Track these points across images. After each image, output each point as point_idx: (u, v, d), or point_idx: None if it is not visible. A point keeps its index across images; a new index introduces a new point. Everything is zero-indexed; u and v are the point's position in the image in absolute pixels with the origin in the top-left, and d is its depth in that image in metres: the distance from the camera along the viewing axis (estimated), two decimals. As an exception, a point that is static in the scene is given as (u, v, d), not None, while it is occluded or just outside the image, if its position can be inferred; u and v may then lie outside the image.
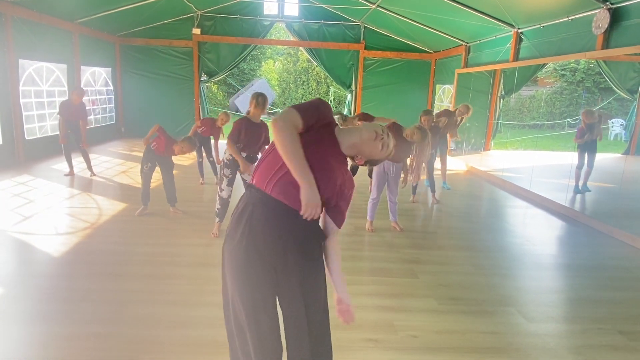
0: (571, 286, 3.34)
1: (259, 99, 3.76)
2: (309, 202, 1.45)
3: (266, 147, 3.88)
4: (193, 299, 2.77)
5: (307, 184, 1.45)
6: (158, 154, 4.29)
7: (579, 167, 6.28)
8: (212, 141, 5.86)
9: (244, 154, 3.82)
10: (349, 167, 1.65)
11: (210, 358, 2.16)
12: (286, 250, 1.52)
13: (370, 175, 5.97)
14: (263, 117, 3.93)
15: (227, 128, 4.37)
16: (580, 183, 6.31)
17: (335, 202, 1.59)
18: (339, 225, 1.63)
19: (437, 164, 6.35)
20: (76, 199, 5.07)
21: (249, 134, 3.76)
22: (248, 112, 3.83)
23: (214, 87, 17.90)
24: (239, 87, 17.16)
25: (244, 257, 1.53)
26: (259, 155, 3.98)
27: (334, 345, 1.76)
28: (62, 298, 2.74)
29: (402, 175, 4.28)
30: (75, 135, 6.12)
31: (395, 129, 4.00)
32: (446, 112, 6.44)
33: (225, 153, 3.87)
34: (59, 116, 6.07)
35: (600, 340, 2.51)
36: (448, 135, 6.31)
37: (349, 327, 2.47)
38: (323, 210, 1.60)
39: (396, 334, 2.47)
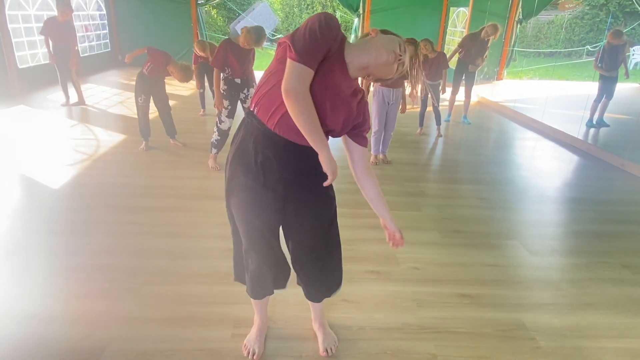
0: (577, 220, 3.29)
1: (254, 36, 3.49)
2: (333, 170, 1.36)
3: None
4: (194, 230, 2.76)
5: (327, 154, 1.34)
6: (153, 76, 4.02)
7: (597, 100, 5.96)
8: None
9: (237, 80, 3.63)
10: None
11: (212, 288, 2.18)
12: (293, 183, 1.44)
13: None
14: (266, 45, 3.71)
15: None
16: (596, 116, 6.06)
17: (353, 126, 1.46)
18: (365, 144, 1.52)
19: (460, 95, 6.06)
20: (74, 131, 4.96)
21: (236, 58, 3.54)
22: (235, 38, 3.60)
23: (214, 12, 16.90)
24: (239, 12, 16.19)
25: (249, 188, 1.45)
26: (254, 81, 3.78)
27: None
28: (65, 230, 2.73)
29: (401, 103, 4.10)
30: (67, 61, 5.85)
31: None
32: (470, 37, 5.87)
33: (222, 83, 3.67)
34: (42, 36, 5.77)
35: (604, 273, 2.49)
36: (470, 66, 5.79)
37: (351, 259, 2.49)
38: (346, 137, 1.51)
39: (398, 266, 2.46)
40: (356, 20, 10.44)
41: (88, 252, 2.49)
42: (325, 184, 1.40)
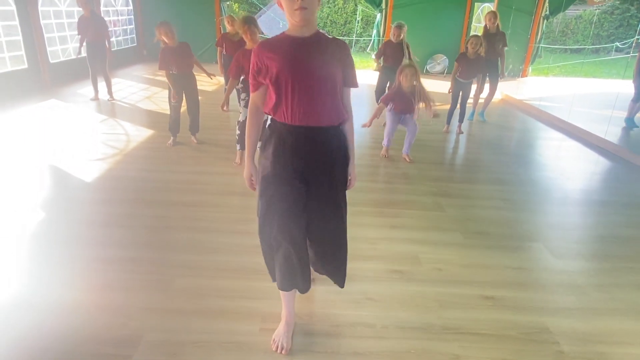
0: (603, 223, 3.25)
1: (246, 26, 3.49)
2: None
3: None
4: (221, 226, 2.85)
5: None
6: (180, 73, 4.12)
7: (635, 99, 5.78)
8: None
9: None
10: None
11: (241, 283, 2.25)
12: (317, 166, 1.64)
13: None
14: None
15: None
16: (625, 115, 5.90)
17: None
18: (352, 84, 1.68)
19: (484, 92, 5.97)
20: (104, 125, 5.12)
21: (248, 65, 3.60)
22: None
23: (235, 7, 17.00)
24: (261, 6, 16.25)
25: (276, 175, 1.64)
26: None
27: (359, 275, 1.84)
28: (97, 222, 2.86)
29: (422, 106, 4.15)
30: (101, 56, 6.01)
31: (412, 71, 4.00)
32: (483, 37, 5.83)
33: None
34: (79, 36, 5.96)
35: (630, 279, 2.47)
36: (500, 61, 5.71)
37: (374, 258, 2.53)
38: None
39: (421, 267, 2.49)
40: (378, 15, 10.38)
41: (121, 244, 2.60)
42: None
